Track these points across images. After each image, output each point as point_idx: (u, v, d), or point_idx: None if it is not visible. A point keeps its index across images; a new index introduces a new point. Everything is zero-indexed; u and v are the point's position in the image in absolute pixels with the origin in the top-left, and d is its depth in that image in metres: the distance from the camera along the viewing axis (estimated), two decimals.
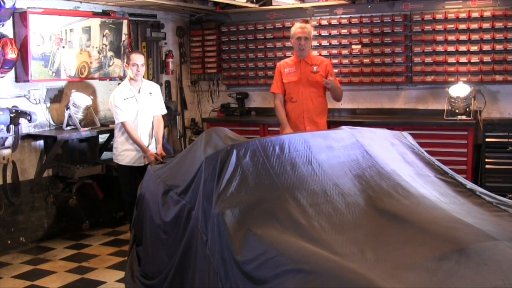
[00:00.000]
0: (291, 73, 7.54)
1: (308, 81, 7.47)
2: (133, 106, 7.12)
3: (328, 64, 7.61)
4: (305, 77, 7.46)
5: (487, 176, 7.60)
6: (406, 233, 3.68)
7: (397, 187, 4.27)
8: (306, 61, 7.48)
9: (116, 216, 8.47)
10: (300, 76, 7.48)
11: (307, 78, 7.46)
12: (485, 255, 3.32)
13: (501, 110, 8.05)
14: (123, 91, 7.12)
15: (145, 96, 7.23)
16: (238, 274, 3.63)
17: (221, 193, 4.03)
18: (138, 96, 7.16)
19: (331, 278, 3.16)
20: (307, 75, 7.46)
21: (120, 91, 7.13)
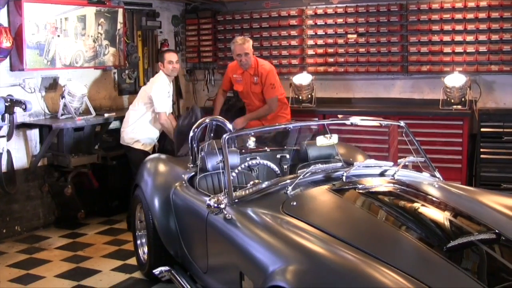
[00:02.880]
0: (238, 81, 7.94)
1: (251, 91, 7.83)
2: (170, 101, 7.68)
3: (266, 74, 7.72)
4: (248, 87, 7.83)
5: (482, 166, 7.61)
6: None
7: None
8: (249, 71, 7.73)
9: (111, 205, 8.46)
10: (244, 87, 7.87)
11: (250, 88, 7.82)
12: None
13: (496, 100, 8.06)
14: (166, 85, 7.56)
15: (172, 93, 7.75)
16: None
17: None
18: (171, 92, 7.72)
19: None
20: (250, 85, 7.81)
21: (164, 84, 7.55)
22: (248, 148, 5.88)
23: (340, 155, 5.51)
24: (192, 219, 4.97)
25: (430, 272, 3.13)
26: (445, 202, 4.21)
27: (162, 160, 6.06)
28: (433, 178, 4.86)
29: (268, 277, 3.31)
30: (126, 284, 5.92)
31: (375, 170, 4.70)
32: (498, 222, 3.86)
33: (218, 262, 4.46)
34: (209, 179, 5.36)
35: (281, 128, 5.27)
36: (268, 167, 5.71)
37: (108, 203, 8.43)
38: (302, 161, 5.61)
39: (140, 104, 7.56)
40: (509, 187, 7.36)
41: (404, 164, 4.74)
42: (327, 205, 4.18)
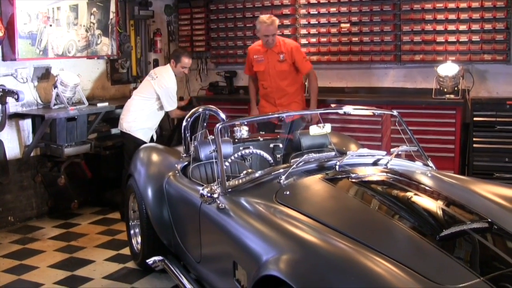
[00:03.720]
0: (259, 61, 7.74)
1: (275, 70, 7.66)
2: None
3: (294, 50, 7.68)
4: (272, 66, 7.65)
5: (474, 155, 7.62)
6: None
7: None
8: (273, 49, 7.61)
9: (104, 195, 8.46)
10: (267, 66, 7.66)
11: (274, 67, 7.65)
12: None
13: (489, 89, 8.07)
14: (174, 84, 7.65)
15: None
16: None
17: None
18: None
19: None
20: (274, 64, 7.64)
21: (173, 83, 7.63)
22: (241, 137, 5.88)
23: (333, 144, 5.51)
24: (185, 209, 4.98)
25: (423, 261, 3.13)
26: (437, 191, 4.22)
27: (155, 150, 6.05)
28: (426, 167, 4.87)
29: (262, 266, 3.31)
30: (120, 274, 5.93)
31: (368, 159, 4.70)
32: (491, 211, 3.87)
33: (211, 252, 4.47)
34: (202, 168, 5.36)
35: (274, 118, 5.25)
36: (261, 156, 5.71)
37: (102, 193, 8.42)
38: (295, 150, 5.61)
39: (144, 94, 7.56)
40: (502, 176, 7.37)
41: (397, 153, 4.75)
42: (320, 194, 4.18)
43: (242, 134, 5.88)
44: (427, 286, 2.85)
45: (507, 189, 4.36)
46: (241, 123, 5.80)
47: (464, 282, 2.92)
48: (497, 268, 3.15)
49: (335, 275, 2.92)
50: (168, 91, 7.47)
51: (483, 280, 2.93)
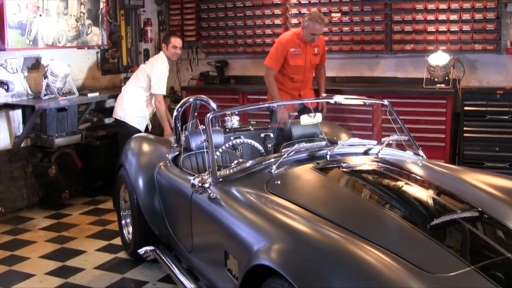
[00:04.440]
0: (297, 54, 7.56)
1: (311, 64, 7.68)
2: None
3: (324, 43, 7.86)
4: (309, 60, 7.62)
5: (465, 144, 7.64)
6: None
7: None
8: (312, 43, 7.57)
9: (95, 185, 8.45)
10: (305, 60, 7.59)
11: (310, 61, 7.65)
12: None
13: (479, 79, 8.09)
14: (166, 67, 7.58)
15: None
16: None
17: None
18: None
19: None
20: (310, 58, 7.62)
21: (165, 67, 7.55)
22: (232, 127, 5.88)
23: (324, 133, 5.51)
24: (176, 199, 4.97)
25: (414, 250, 3.14)
26: (428, 181, 4.23)
27: (146, 140, 6.04)
28: (417, 157, 4.88)
29: (253, 256, 3.32)
30: (111, 264, 5.93)
31: (359, 149, 4.71)
32: (481, 200, 3.88)
33: (202, 242, 4.47)
34: (193, 158, 5.36)
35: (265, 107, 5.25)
36: (252, 146, 5.70)
37: (92, 183, 8.42)
38: (286, 140, 5.61)
39: (138, 82, 7.52)
40: (492, 166, 7.40)
41: (388, 142, 4.75)
42: (311, 184, 4.18)
43: (233, 124, 5.88)
44: (417, 275, 2.86)
45: (498, 178, 4.38)
46: (232, 113, 5.80)
47: (454, 271, 2.93)
48: (487, 257, 3.16)
49: (326, 264, 2.92)
50: (158, 72, 7.42)
51: (473, 268, 2.95)
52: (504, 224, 3.55)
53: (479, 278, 2.89)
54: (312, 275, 2.87)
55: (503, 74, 7.93)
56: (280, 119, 6.30)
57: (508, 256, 3.11)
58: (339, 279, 2.80)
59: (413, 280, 2.79)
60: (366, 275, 2.81)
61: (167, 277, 5.38)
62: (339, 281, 2.79)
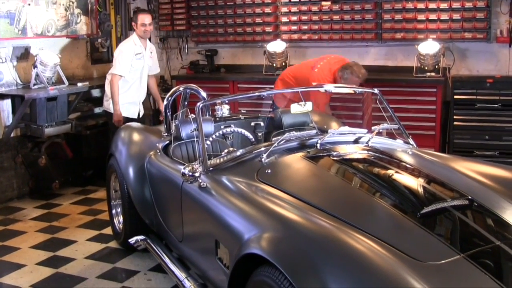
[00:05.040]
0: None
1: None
2: (141, 62, 7.52)
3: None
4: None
5: (455, 133, 7.66)
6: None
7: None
8: None
9: (86, 174, 8.44)
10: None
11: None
12: None
13: (469, 68, 8.10)
14: (134, 46, 7.46)
15: (148, 54, 7.65)
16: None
17: None
18: (145, 54, 7.55)
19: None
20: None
21: (131, 45, 7.46)
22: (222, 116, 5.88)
23: (315, 122, 5.52)
24: (167, 188, 4.97)
25: (404, 238, 3.15)
26: (418, 169, 4.24)
27: (136, 129, 6.03)
28: (407, 145, 4.89)
29: (244, 244, 3.32)
30: (102, 253, 5.93)
31: (349, 138, 4.71)
32: (471, 188, 3.89)
33: (193, 231, 4.47)
34: (183, 147, 5.35)
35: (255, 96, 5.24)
36: (243, 135, 5.71)
37: (83, 173, 8.41)
38: (277, 128, 5.61)
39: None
40: (482, 154, 7.43)
41: (378, 131, 4.75)
42: (302, 173, 4.19)
43: (223, 112, 5.87)
44: (408, 263, 2.86)
45: (487, 166, 4.40)
46: (222, 102, 5.79)
47: (444, 259, 2.94)
48: (477, 245, 3.17)
49: (316, 253, 2.92)
50: (117, 52, 7.44)
51: (463, 256, 2.96)
52: (493, 212, 3.56)
53: (469, 266, 2.90)
54: (302, 264, 2.88)
55: (493, 63, 7.95)
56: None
57: (498, 244, 3.12)
58: (329, 267, 2.80)
59: (403, 268, 2.80)
60: (356, 264, 2.81)
61: (158, 266, 5.39)
62: (329, 269, 2.80)
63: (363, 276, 2.73)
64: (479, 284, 2.80)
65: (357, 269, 2.78)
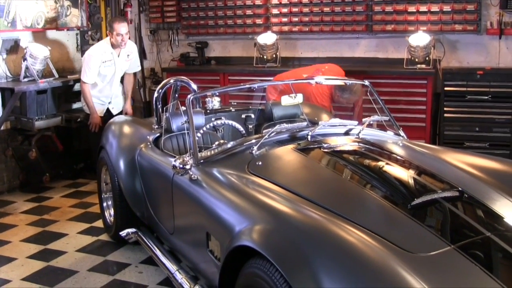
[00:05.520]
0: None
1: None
2: (110, 69, 7.40)
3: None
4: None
5: (445, 124, 7.68)
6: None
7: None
8: None
9: (76, 167, 8.42)
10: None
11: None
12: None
13: (460, 59, 8.12)
14: (103, 54, 7.28)
15: (123, 59, 7.51)
16: None
17: None
18: (117, 60, 7.41)
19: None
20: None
21: (100, 53, 7.28)
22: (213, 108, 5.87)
23: (305, 114, 5.52)
24: (157, 180, 4.97)
25: (394, 230, 3.16)
26: (409, 161, 4.25)
27: (126, 122, 6.02)
28: (398, 137, 4.89)
29: (235, 237, 3.32)
30: (93, 246, 5.92)
31: (340, 129, 4.71)
32: (461, 179, 3.91)
33: (184, 223, 4.47)
34: (174, 140, 5.35)
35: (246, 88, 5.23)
36: (233, 127, 5.70)
37: (73, 166, 8.39)
38: (267, 120, 5.61)
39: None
40: (472, 145, 7.46)
41: (369, 123, 4.76)
42: (293, 165, 4.19)
43: (214, 105, 5.86)
44: (398, 254, 2.87)
45: (477, 158, 4.41)
46: (213, 94, 5.78)
47: (435, 250, 2.95)
48: (467, 236, 3.18)
49: (308, 245, 2.93)
50: (85, 58, 7.36)
51: (453, 247, 2.97)
52: (483, 203, 3.57)
53: (459, 257, 2.91)
54: (293, 256, 2.88)
55: (483, 55, 7.97)
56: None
57: (488, 235, 3.14)
58: (320, 259, 2.80)
59: (394, 259, 2.80)
60: (347, 255, 2.81)
61: (149, 259, 5.39)
62: (320, 261, 2.80)
63: (354, 268, 2.74)
64: (469, 275, 2.81)
65: (348, 261, 2.78)
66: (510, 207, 3.57)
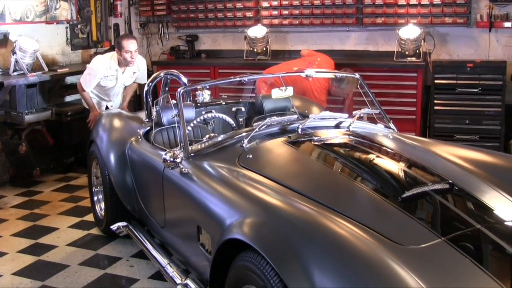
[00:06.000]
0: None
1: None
2: (111, 82, 7.24)
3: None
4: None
5: (435, 117, 7.70)
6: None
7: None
8: None
9: (67, 161, 8.40)
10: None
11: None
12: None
13: (450, 52, 8.13)
14: (107, 68, 7.10)
15: (128, 75, 7.34)
16: None
17: None
18: (120, 76, 7.24)
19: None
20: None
21: (104, 67, 7.09)
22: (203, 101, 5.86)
23: (296, 107, 5.52)
24: (148, 174, 4.96)
25: (385, 222, 3.17)
26: (399, 153, 4.26)
27: (117, 116, 6.01)
28: (388, 130, 4.90)
29: (225, 230, 3.32)
30: (84, 240, 5.91)
31: (330, 122, 4.72)
32: (451, 172, 3.92)
33: (175, 217, 4.47)
34: (164, 133, 5.34)
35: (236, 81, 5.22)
36: (224, 120, 5.70)
37: (64, 160, 8.37)
38: (258, 114, 5.61)
39: None
40: (462, 138, 7.48)
41: (359, 116, 4.77)
42: (283, 158, 4.19)
43: (204, 98, 5.86)
44: (389, 247, 2.88)
45: (467, 150, 4.42)
46: (203, 87, 5.78)
47: (425, 242, 2.97)
48: (457, 228, 3.20)
49: (298, 238, 2.93)
50: (90, 65, 7.16)
51: (444, 240, 2.98)
52: (474, 195, 3.59)
53: (450, 249, 2.92)
54: (284, 249, 2.88)
55: (473, 47, 7.99)
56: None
57: (478, 227, 3.15)
58: (311, 252, 2.81)
59: (385, 252, 2.81)
60: (338, 248, 2.82)
61: (140, 252, 5.38)
62: (311, 254, 2.80)
63: (344, 260, 2.74)
64: (459, 267, 2.83)
65: (338, 254, 2.78)
66: (499, 199, 3.59)
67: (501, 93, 7.39)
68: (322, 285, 2.63)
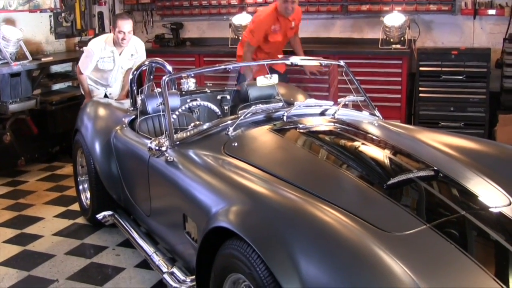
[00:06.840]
0: (276, 31, 7.43)
1: (286, 37, 7.59)
2: (109, 64, 7.13)
3: (300, 14, 7.74)
4: (285, 34, 7.52)
5: (420, 104, 7.72)
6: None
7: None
8: (289, 17, 7.42)
9: (52, 151, 8.36)
10: (283, 35, 7.50)
11: (286, 34, 7.54)
12: None
13: (434, 40, 8.15)
14: (102, 50, 7.01)
15: (125, 58, 7.21)
16: None
17: None
18: (118, 58, 7.12)
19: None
20: (287, 31, 7.52)
21: (100, 48, 7.00)
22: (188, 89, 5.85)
23: (281, 95, 5.53)
24: (133, 163, 4.95)
25: (371, 209, 3.18)
26: (384, 141, 4.27)
27: (101, 104, 5.98)
28: (373, 117, 4.92)
29: (211, 218, 3.32)
30: (70, 230, 5.89)
31: (316, 110, 4.72)
32: (436, 159, 3.94)
33: (161, 205, 4.46)
34: (149, 122, 5.33)
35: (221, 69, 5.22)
36: (209, 108, 5.70)
37: (49, 149, 8.33)
38: (243, 101, 5.61)
39: None
40: (447, 125, 7.51)
41: (344, 103, 4.78)
42: (269, 145, 4.19)
43: (189, 86, 5.84)
44: (374, 234, 2.89)
45: (452, 137, 4.44)
46: (188, 75, 5.76)
47: (410, 229, 2.98)
48: (442, 215, 3.22)
49: (284, 225, 2.94)
50: (85, 51, 7.14)
51: (429, 226, 3.00)
52: (458, 182, 3.61)
53: (435, 236, 2.94)
54: (270, 236, 2.89)
55: (457, 35, 8.01)
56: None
57: (463, 213, 3.17)
58: (297, 239, 2.82)
59: (370, 238, 2.82)
60: (323, 235, 2.83)
61: (126, 241, 5.37)
62: (297, 241, 2.81)
63: (330, 247, 2.75)
64: (444, 253, 2.84)
65: (324, 241, 2.79)
66: (484, 186, 3.61)
67: (486, 80, 7.42)
68: (308, 272, 2.64)
